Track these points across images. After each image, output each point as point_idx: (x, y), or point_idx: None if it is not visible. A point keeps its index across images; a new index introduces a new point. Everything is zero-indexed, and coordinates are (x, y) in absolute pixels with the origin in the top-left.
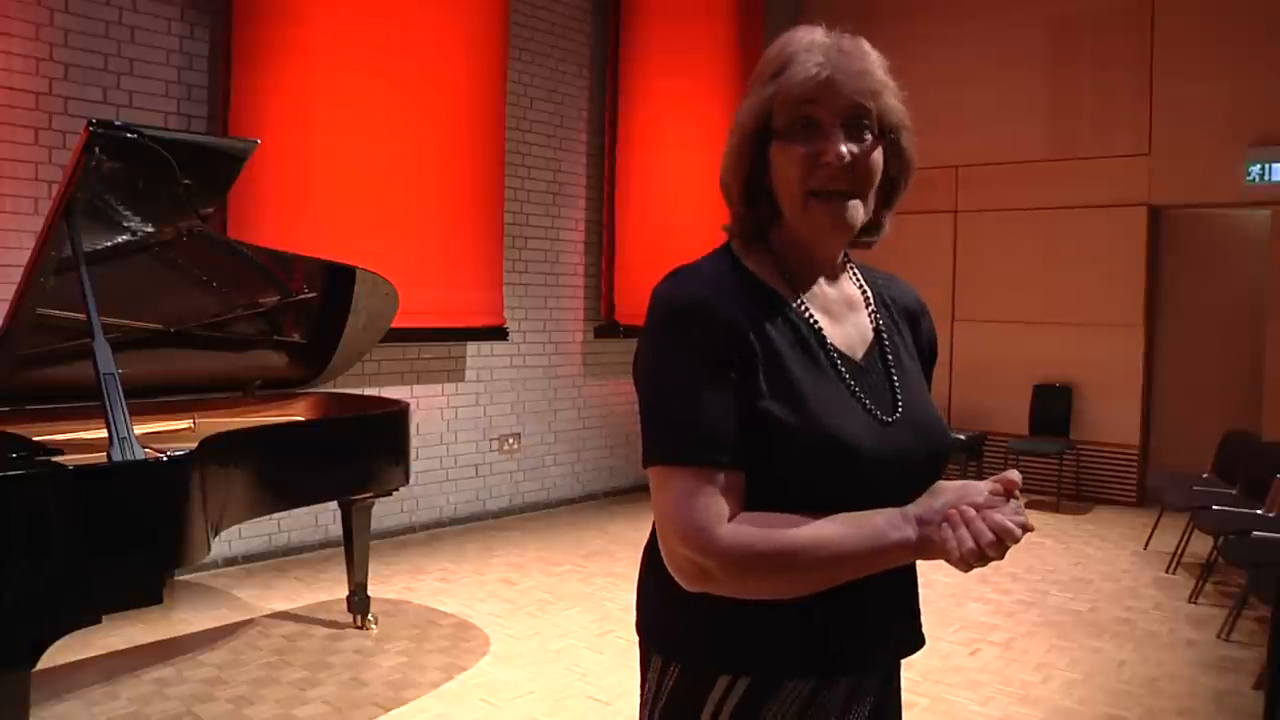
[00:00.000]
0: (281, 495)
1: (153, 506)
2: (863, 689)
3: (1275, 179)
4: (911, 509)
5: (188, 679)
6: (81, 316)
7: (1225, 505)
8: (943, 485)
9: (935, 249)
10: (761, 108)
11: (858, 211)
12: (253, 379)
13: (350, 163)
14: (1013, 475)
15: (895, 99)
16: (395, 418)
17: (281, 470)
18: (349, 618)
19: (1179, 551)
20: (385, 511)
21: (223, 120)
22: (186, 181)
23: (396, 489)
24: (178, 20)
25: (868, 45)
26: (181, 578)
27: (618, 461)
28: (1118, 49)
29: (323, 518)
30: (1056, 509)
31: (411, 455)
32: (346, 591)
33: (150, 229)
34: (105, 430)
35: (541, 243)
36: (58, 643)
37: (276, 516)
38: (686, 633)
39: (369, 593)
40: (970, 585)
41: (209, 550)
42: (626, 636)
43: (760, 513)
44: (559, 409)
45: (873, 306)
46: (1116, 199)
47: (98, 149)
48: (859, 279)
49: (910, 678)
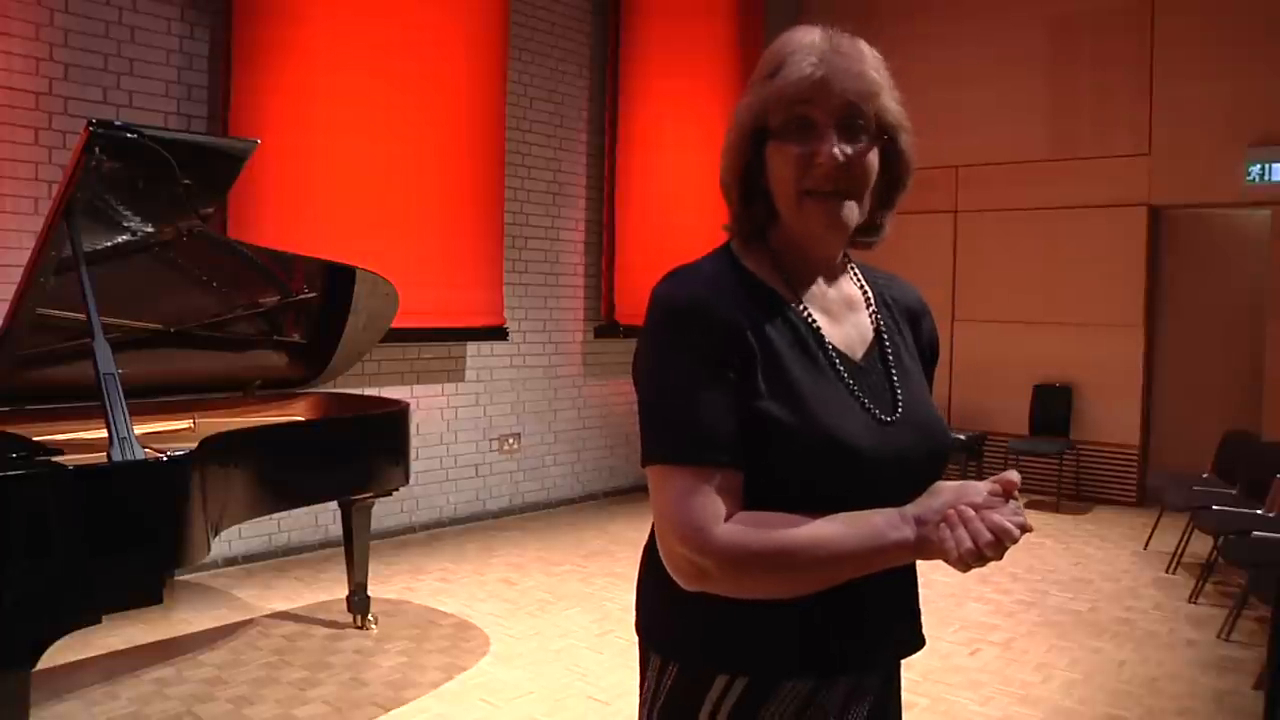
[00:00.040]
0: (281, 495)
1: (153, 506)
2: (862, 689)
3: (1275, 179)
4: (910, 509)
5: (188, 679)
6: (81, 316)
7: (1225, 505)
8: (941, 485)
9: (935, 249)
10: (758, 107)
11: (852, 212)
12: (253, 379)
13: (350, 163)
14: (1011, 476)
15: (893, 100)
16: (395, 418)
17: (281, 470)
18: (349, 618)
19: (1179, 551)
20: (385, 511)
21: (223, 120)
22: (186, 181)
23: (396, 489)
24: (178, 20)
25: (866, 46)
26: (181, 578)
27: (618, 461)
28: (1118, 49)
29: (323, 518)
30: (1056, 509)
31: (411, 455)
32: (346, 591)
33: (150, 229)
34: (105, 430)
35: (541, 243)
36: (58, 643)
37: (276, 516)
38: (685, 632)
39: (369, 593)
40: (970, 585)
41: (209, 550)
42: (626, 636)
43: (758, 512)
44: (559, 409)
45: (873, 306)
46: (1116, 199)
47: (98, 149)
48: (859, 279)
49: (910, 678)
